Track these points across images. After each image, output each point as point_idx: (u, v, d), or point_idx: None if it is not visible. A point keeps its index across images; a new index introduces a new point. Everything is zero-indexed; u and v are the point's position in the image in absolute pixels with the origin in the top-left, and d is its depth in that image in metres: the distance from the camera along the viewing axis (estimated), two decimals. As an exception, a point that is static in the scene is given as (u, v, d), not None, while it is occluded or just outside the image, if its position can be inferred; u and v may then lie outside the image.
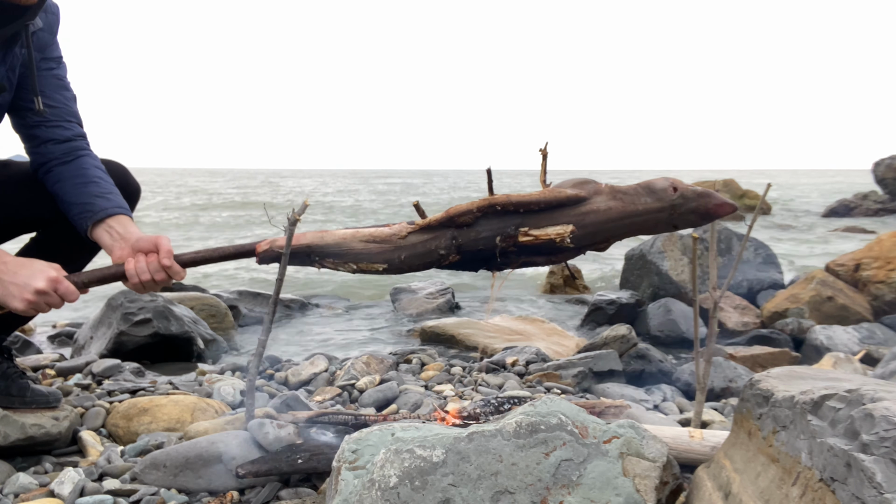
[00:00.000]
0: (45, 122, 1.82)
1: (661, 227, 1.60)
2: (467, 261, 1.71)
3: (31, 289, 1.56)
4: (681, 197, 1.55)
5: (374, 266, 1.72)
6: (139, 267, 1.66)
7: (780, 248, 9.15)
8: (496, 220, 1.65)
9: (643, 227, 1.61)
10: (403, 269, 1.72)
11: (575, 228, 1.61)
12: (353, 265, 1.73)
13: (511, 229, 1.63)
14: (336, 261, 1.74)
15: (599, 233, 1.62)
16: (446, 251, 1.66)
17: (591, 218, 1.62)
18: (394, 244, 1.71)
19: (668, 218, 1.57)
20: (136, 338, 3.49)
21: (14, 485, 1.71)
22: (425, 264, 1.71)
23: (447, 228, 1.68)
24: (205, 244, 11.64)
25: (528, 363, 3.31)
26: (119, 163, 2.07)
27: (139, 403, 2.26)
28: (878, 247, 5.25)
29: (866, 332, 4.23)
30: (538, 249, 1.66)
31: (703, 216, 1.56)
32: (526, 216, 1.64)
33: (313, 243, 1.75)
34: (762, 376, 1.42)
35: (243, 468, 1.70)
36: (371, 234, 1.75)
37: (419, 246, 1.69)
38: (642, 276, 5.66)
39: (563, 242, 1.61)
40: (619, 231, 1.62)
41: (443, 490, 1.26)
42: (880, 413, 1.01)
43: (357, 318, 5.42)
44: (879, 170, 18.00)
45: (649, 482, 1.30)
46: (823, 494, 1.06)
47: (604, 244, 1.67)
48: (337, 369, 3.10)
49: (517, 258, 1.70)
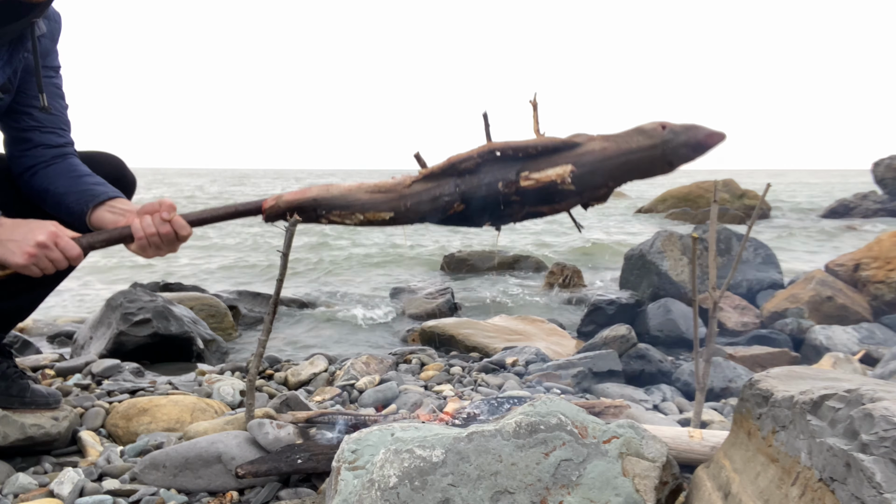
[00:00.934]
0: (40, 126, 1.82)
1: (658, 165, 1.64)
2: (472, 210, 1.72)
3: (31, 242, 1.54)
4: (670, 132, 1.60)
5: (381, 215, 1.73)
6: (144, 222, 1.65)
7: (779, 248, 9.16)
8: (497, 166, 1.67)
9: (639, 166, 1.65)
10: (409, 216, 1.73)
11: (574, 168, 1.64)
12: (360, 215, 1.73)
13: (512, 175, 1.66)
14: (342, 212, 1.74)
15: (598, 172, 1.65)
16: (450, 198, 1.69)
17: (587, 158, 1.65)
18: (399, 193, 1.72)
19: (661, 154, 1.61)
20: (136, 338, 3.49)
21: (14, 485, 1.71)
22: (431, 211, 1.72)
23: (450, 176, 1.70)
24: (205, 245, 11.65)
25: (527, 363, 3.31)
26: (115, 155, 2.08)
27: (139, 404, 2.26)
28: (877, 247, 5.25)
29: (866, 332, 4.23)
30: (541, 196, 1.68)
31: (694, 148, 1.60)
32: (525, 161, 1.67)
33: (319, 196, 1.75)
34: (762, 376, 1.42)
35: (243, 468, 1.70)
36: (376, 185, 1.76)
37: (424, 194, 1.71)
38: (642, 277, 5.66)
39: (565, 184, 1.64)
40: (616, 171, 1.65)
41: (442, 490, 1.26)
42: (880, 413, 1.01)
43: (357, 319, 5.43)
44: (879, 170, 18.00)
45: (649, 482, 1.30)
46: (823, 494, 1.06)
47: (603, 190, 1.69)
48: (336, 369, 3.10)
49: (521, 208, 1.71)
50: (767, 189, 2.09)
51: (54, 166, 1.82)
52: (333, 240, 11.97)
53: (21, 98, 1.80)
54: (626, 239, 12.49)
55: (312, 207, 1.75)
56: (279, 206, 1.75)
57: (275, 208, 1.75)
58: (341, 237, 12.62)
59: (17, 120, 1.82)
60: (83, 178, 1.81)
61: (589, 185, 1.66)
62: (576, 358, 3.23)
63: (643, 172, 1.66)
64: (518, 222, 1.77)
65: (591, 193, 1.68)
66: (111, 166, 2.01)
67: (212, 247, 11.33)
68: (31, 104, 1.81)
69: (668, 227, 13.34)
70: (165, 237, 1.66)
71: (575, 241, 12.07)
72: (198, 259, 9.95)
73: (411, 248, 10.64)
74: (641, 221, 17.20)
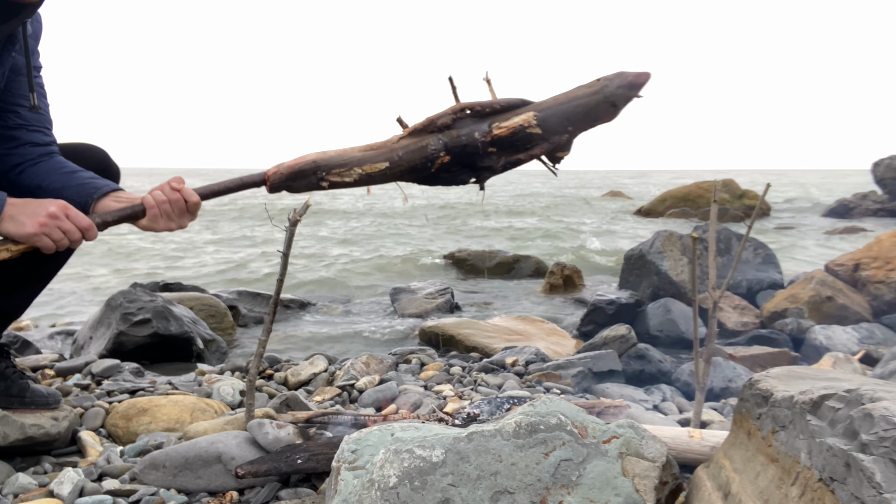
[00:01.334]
0: (27, 125, 1.83)
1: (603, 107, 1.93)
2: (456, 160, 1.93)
3: (42, 213, 1.55)
4: (605, 79, 1.92)
5: (377, 166, 1.89)
6: (154, 193, 1.71)
7: (779, 247, 9.16)
8: (471, 121, 1.93)
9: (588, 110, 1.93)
10: (403, 166, 1.91)
11: (536, 113, 1.93)
12: (358, 169, 1.89)
13: (485, 126, 1.92)
14: (341, 170, 1.89)
15: (556, 115, 1.93)
16: (436, 148, 1.91)
17: (544, 105, 1.94)
18: (389, 147, 1.92)
19: (603, 97, 1.92)
20: (136, 338, 3.49)
21: (13, 485, 1.71)
22: (422, 160, 1.91)
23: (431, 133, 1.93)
24: (206, 245, 11.65)
25: (527, 363, 3.31)
26: (98, 146, 2.09)
27: (138, 404, 2.26)
28: (877, 247, 5.25)
29: (865, 332, 4.23)
30: (514, 143, 1.93)
31: (628, 87, 1.91)
32: (493, 116, 1.94)
33: (318, 158, 1.89)
34: (761, 376, 1.42)
35: (242, 468, 1.70)
36: (367, 144, 1.96)
37: (412, 146, 1.92)
38: (642, 277, 5.66)
39: (531, 127, 1.91)
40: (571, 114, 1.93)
41: (442, 490, 1.26)
42: (879, 413, 1.01)
43: (356, 319, 5.43)
44: (879, 170, 18.00)
45: (649, 482, 1.30)
46: (822, 494, 1.06)
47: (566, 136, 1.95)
48: (336, 369, 3.10)
49: (499, 158, 1.95)
50: (767, 189, 2.09)
51: (42, 164, 1.83)
52: (334, 245, 11.97)
53: (8, 97, 1.81)
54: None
55: (313, 170, 1.87)
56: (281, 173, 1.86)
57: (277, 175, 1.85)
58: (341, 243, 12.62)
59: (4, 118, 1.82)
60: (77, 174, 1.82)
61: (552, 128, 1.93)
62: (576, 358, 3.23)
63: (594, 116, 1.94)
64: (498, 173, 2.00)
65: (557, 139, 1.94)
66: (95, 157, 2.03)
67: (211, 247, 11.34)
68: (18, 103, 1.82)
69: (669, 227, 13.35)
70: (175, 203, 1.72)
71: (574, 241, 12.08)
72: (197, 259, 9.95)
73: (413, 254, 10.64)
74: (641, 221, 17.21)
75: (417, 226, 15.08)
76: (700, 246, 5.23)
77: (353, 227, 15.27)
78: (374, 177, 1.91)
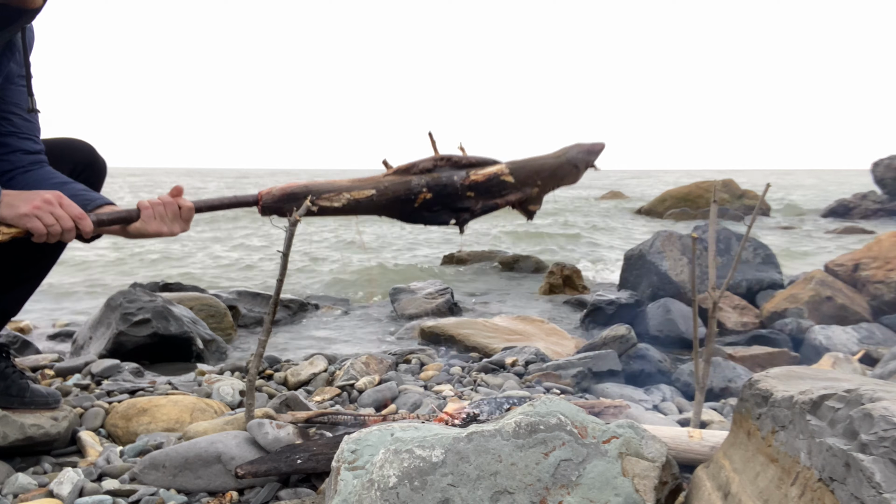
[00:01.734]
0: (18, 132, 1.84)
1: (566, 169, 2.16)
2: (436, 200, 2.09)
3: (37, 197, 1.57)
4: (567, 147, 2.18)
5: (365, 192, 2.04)
6: (153, 200, 1.78)
7: (778, 248, 9.16)
8: (450, 169, 2.12)
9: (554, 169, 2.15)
10: (388, 195, 2.06)
11: (509, 164, 2.13)
12: (346, 194, 2.03)
13: (463, 173, 2.11)
14: (331, 194, 2.02)
15: (525, 169, 2.13)
16: (418, 184, 2.08)
17: (515, 162, 2.15)
18: (376, 180, 2.09)
19: (566, 161, 2.15)
20: (136, 338, 3.49)
21: (13, 485, 1.71)
22: (406, 192, 2.07)
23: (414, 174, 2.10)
24: (207, 245, 11.64)
25: (527, 363, 3.31)
26: (85, 140, 2.09)
27: (138, 404, 2.26)
28: (877, 247, 5.25)
29: (865, 332, 4.23)
30: (490, 189, 2.12)
31: (587, 153, 2.16)
32: (469, 167, 2.13)
33: (309, 183, 2.04)
34: (761, 376, 1.42)
35: (242, 468, 1.70)
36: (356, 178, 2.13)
37: (397, 180, 2.10)
38: (641, 276, 5.66)
39: (504, 175, 2.11)
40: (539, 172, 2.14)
41: (442, 490, 1.26)
42: (879, 413, 1.01)
43: (356, 319, 5.43)
44: (878, 170, 18.01)
45: (648, 482, 1.30)
46: (822, 494, 1.06)
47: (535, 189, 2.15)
48: (336, 369, 3.09)
49: (477, 202, 2.12)
50: (767, 189, 2.09)
51: (33, 172, 1.83)
52: (333, 245, 11.97)
53: (1, 104, 1.81)
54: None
55: (304, 194, 2.00)
56: (273, 195, 1.98)
57: (270, 196, 1.98)
58: (341, 244, 12.62)
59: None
60: (70, 185, 1.83)
61: (523, 179, 2.13)
62: (575, 358, 3.23)
63: (560, 176, 2.16)
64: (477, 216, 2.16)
65: (528, 190, 2.15)
66: (82, 152, 2.04)
67: (210, 245, 11.33)
68: (10, 111, 1.82)
69: (668, 227, 13.35)
70: (169, 207, 1.79)
71: (573, 241, 12.07)
72: (197, 259, 9.95)
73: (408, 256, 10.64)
74: (641, 221, 17.21)
75: (417, 231, 15.08)
76: (700, 246, 5.23)
77: (353, 228, 15.27)
78: (362, 203, 2.05)
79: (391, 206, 2.09)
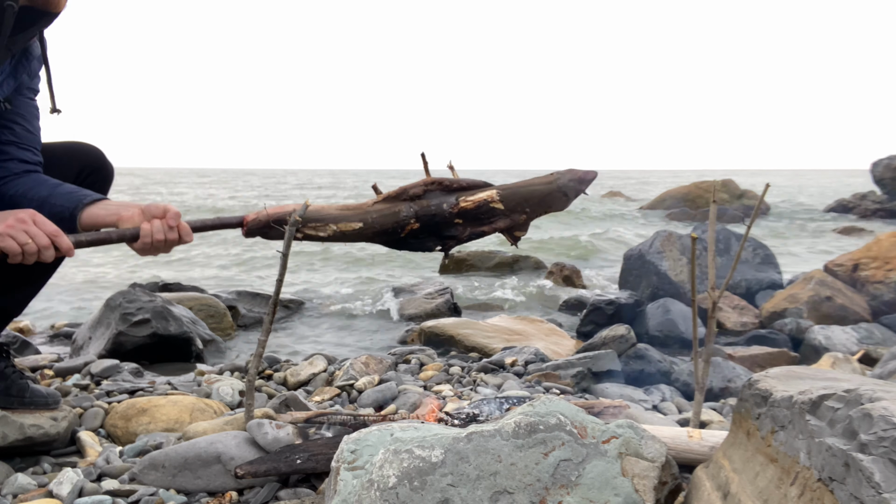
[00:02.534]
0: (18, 142, 1.84)
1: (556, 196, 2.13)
2: (424, 229, 2.08)
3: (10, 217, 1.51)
4: (558, 174, 2.15)
5: (351, 225, 2.03)
6: (154, 226, 1.70)
7: (778, 247, 9.16)
8: (440, 194, 2.10)
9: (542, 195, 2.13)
10: (375, 228, 2.05)
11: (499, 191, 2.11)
12: (333, 226, 2.01)
13: (453, 199, 2.09)
14: (317, 224, 2.00)
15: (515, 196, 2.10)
16: (406, 214, 2.06)
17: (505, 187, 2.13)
18: (364, 210, 2.07)
19: (557, 188, 2.12)
20: (135, 338, 3.49)
21: (13, 485, 1.71)
22: (393, 224, 2.06)
23: (404, 200, 2.09)
24: (207, 245, 11.64)
25: (526, 363, 3.31)
26: (93, 144, 2.09)
27: (138, 404, 2.26)
28: (876, 247, 5.26)
29: (864, 332, 4.23)
30: (479, 216, 2.10)
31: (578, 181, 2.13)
32: (460, 192, 2.11)
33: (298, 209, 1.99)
34: (761, 376, 1.42)
35: (242, 468, 1.70)
36: (344, 205, 2.11)
37: (385, 210, 2.07)
38: (641, 277, 5.66)
39: (494, 201, 2.08)
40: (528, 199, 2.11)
41: (441, 490, 1.26)
42: (878, 413, 1.01)
43: (356, 318, 5.43)
44: (878, 170, 18.01)
45: (648, 482, 1.30)
46: (822, 494, 1.06)
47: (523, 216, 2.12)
48: (336, 369, 3.09)
49: (464, 229, 2.11)
50: (766, 189, 2.09)
51: (26, 178, 1.82)
52: (332, 245, 11.96)
53: (7, 112, 1.81)
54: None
55: None
56: (259, 220, 1.96)
57: (255, 221, 1.96)
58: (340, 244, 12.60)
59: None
60: (63, 185, 1.81)
61: (512, 206, 2.10)
62: (575, 358, 3.23)
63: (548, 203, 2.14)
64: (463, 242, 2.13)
65: (516, 217, 2.12)
66: (90, 156, 2.04)
67: (210, 244, 11.33)
68: (15, 120, 1.82)
69: (668, 226, 13.36)
70: (170, 243, 1.74)
71: (571, 243, 12.08)
72: (197, 259, 9.95)
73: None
74: (640, 221, 17.21)
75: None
76: (699, 246, 5.23)
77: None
78: (348, 235, 2.04)
79: (377, 237, 2.08)
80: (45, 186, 1.80)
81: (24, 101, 1.84)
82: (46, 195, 1.77)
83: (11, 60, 1.73)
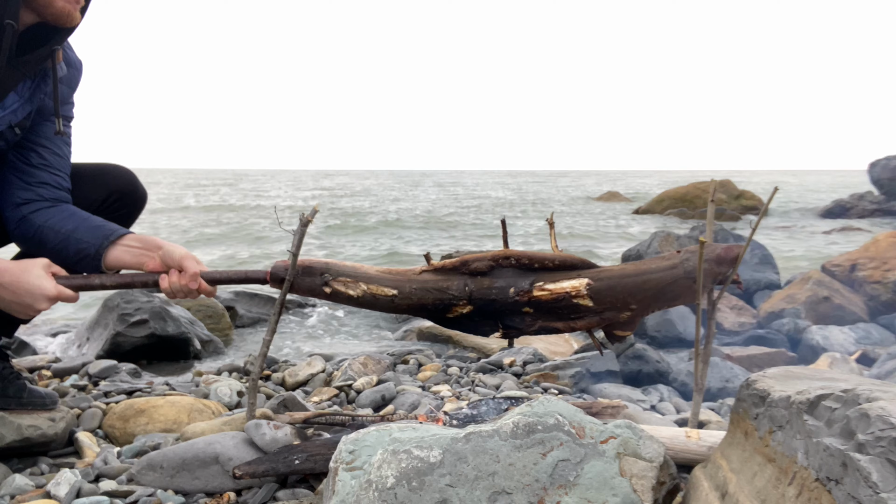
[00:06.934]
0: (48, 166, 1.83)
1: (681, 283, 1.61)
2: (479, 313, 1.68)
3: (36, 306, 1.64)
4: (686, 252, 1.61)
5: (384, 290, 1.72)
6: (173, 284, 1.75)
7: (776, 247, 9.18)
8: (511, 272, 1.66)
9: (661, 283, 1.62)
10: (412, 300, 1.71)
11: (591, 282, 1.60)
12: (364, 285, 1.74)
13: (526, 284, 1.62)
14: (348, 279, 1.75)
15: (617, 288, 1.60)
16: (458, 294, 1.66)
17: (605, 274, 1.62)
18: (407, 277, 1.73)
19: (683, 272, 1.60)
20: (133, 339, 3.48)
21: (10, 486, 1.71)
22: (435, 301, 1.69)
23: (461, 275, 1.69)
24: (207, 245, 11.64)
25: (525, 363, 3.31)
26: (127, 168, 2.08)
27: (136, 404, 2.26)
28: (874, 247, 5.27)
29: (862, 333, 4.23)
30: (556, 310, 1.62)
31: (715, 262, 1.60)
32: (540, 272, 1.63)
33: (331, 262, 1.81)
34: (758, 376, 1.43)
35: (240, 469, 1.70)
36: (387, 269, 1.80)
37: (431, 283, 1.70)
38: (639, 277, 5.66)
39: (580, 297, 1.60)
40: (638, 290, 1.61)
41: (440, 490, 1.26)
42: (876, 413, 1.02)
43: (354, 319, 5.42)
44: (875, 170, 18.03)
45: (646, 482, 1.31)
46: (819, 494, 1.06)
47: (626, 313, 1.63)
48: (334, 370, 3.09)
49: (533, 321, 1.67)
50: (774, 193, 2.05)
51: (55, 209, 1.82)
52: (333, 246, 11.96)
53: (32, 136, 1.81)
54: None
55: (322, 271, 1.78)
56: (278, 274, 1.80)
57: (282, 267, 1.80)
58: (342, 245, 12.62)
59: (26, 155, 1.81)
60: (90, 219, 1.82)
61: (608, 302, 1.60)
62: (573, 358, 3.23)
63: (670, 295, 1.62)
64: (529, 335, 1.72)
65: (612, 314, 1.62)
66: (121, 180, 2.02)
67: (209, 245, 11.33)
68: (41, 144, 1.82)
69: (666, 227, 13.37)
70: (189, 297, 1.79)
71: (571, 242, 12.08)
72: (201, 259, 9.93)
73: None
74: (638, 222, 17.22)
75: (416, 227, 15.08)
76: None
77: (352, 227, 15.27)
78: (379, 300, 1.74)
79: (414, 311, 1.74)
80: (72, 220, 1.80)
81: (50, 125, 1.82)
82: (72, 229, 1.78)
83: (31, 84, 1.70)
